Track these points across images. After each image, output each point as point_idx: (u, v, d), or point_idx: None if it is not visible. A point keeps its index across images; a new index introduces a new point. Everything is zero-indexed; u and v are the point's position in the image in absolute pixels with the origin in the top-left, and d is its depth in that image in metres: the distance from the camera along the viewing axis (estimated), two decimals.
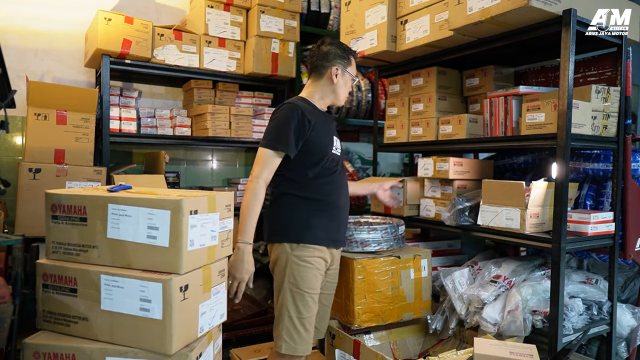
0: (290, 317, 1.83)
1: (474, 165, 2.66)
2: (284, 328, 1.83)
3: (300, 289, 1.84)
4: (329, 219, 1.93)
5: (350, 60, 2.04)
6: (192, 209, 1.41)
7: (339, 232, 2.03)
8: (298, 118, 1.84)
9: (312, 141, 1.88)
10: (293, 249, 1.86)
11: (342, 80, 2.00)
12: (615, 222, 2.24)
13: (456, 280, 2.39)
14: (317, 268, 1.90)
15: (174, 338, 1.36)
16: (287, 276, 1.86)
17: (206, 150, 3.68)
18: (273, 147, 1.82)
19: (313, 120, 1.88)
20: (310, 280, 1.86)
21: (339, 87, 1.99)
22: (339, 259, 2.13)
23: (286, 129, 1.83)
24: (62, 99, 2.48)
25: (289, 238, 1.87)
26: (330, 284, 2.11)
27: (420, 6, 2.51)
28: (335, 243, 2.01)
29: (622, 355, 2.37)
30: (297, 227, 1.87)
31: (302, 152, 1.87)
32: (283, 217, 1.90)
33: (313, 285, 1.88)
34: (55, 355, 1.40)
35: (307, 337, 1.85)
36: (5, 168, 2.91)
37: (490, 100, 2.44)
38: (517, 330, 2.08)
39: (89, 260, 1.47)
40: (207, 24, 3.14)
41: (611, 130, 2.24)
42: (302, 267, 1.85)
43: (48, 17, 3.06)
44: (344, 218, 2.07)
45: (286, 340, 1.82)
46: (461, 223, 2.49)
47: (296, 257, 1.85)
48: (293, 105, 1.88)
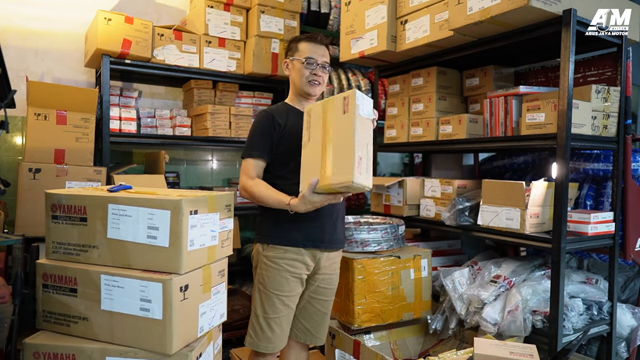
0: (257, 314, 1.86)
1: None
2: (250, 323, 1.89)
3: (267, 290, 1.84)
4: (309, 219, 1.84)
5: (296, 47, 1.96)
6: (192, 209, 1.41)
7: (323, 232, 1.89)
8: (267, 122, 1.90)
9: (283, 141, 1.88)
10: (264, 249, 1.88)
11: (293, 68, 1.95)
12: (615, 222, 2.24)
13: (456, 280, 2.39)
14: (286, 270, 1.83)
15: (174, 338, 1.36)
16: (257, 275, 1.90)
17: (206, 150, 3.68)
18: (249, 155, 1.87)
19: (283, 121, 1.90)
20: (278, 282, 1.83)
21: (293, 76, 1.96)
22: (336, 263, 1.99)
23: (257, 135, 1.89)
24: (62, 99, 2.48)
25: (260, 239, 1.91)
26: (324, 289, 1.96)
27: (420, 6, 2.51)
28: (318, 244, 1.88)
29: (622, 355, 2.37)
30: (267, 228, 1.88)
31: (277, 154, 1.89)
32: (259, 218, 1.96)
33: (280, 287, 1.83)
34: (55, 355, 1.40)
35: (271, 336, 1.83)
36: (5, 168, 2.91)
37: (490, 100, 2.44)
38: (517, 330, 2.08)
39: (89, 260, 1.47)
40: (207, 24, 3.13)
41: (611, 130, 2.24)
42: (270, 267, 1.84)
43: (48, 17, 3.06)
44: (330, 217, 1.90)
45: (250, 335, 1.88)
46: (461, 223, 2.49)
47: (265, 258, 1.86)
48: (263, 112, 1.94)
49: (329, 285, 1.98)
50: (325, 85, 1.99)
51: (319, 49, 1.94)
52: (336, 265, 2.01)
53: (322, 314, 1.99)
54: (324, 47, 1.96)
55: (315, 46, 1.94)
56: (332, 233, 1.93)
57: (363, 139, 1.55)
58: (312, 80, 1.92)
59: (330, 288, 2.00)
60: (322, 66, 1.93)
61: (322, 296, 1.97)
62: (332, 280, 1.99)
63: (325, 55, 1.96)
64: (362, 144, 1.53)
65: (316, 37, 1.96)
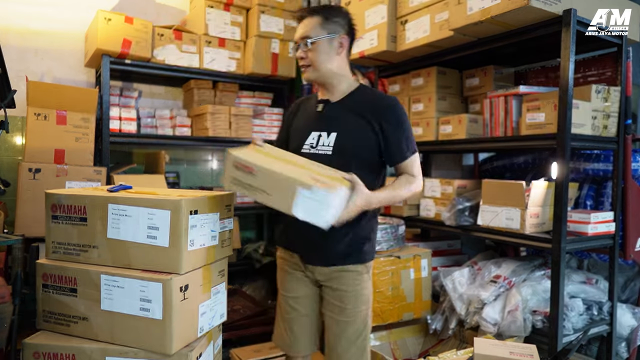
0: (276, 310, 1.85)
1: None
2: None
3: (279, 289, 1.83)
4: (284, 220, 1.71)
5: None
6: (192, 209, 1.41)
7: (287, 234, 1.74)
8: (289, 111, 1.83)
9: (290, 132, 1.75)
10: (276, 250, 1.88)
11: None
12: (615, 222, 2.24)
13: (456, 280, 2.39)
14: (281, 268, 1.79)
15: (174, 338, 1.36)
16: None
17: (206, 150, 3.68)
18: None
19: (299, 110, 1.76)
20: (280, 280, 1.80)
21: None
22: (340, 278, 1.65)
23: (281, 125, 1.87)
24: (62, 99, 2.48)
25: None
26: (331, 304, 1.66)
27: (420, 6, 2.51)
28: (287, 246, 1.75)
29: (622, 355, 2.37)
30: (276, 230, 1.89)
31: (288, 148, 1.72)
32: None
33: (281, 285, 1.79)
34: (55, 355, 1.40)
35: (284, 334, 1.75)
36: (5, 168, 2.91)
37: (490, 100, 2.44)
38: (517, 330, 2.08)
39: (89, 260, 1.47)
40: (207, 24, 3.14)
41: (611, 130, 2.24)
42: (278, 267, 1.84)
43: (48, 17, 3.06)
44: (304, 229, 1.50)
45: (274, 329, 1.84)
46: (461, 223, 2.49)
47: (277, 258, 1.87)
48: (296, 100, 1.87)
49: (336, 302, 1.66)
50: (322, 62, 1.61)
51: (299, 27, 1.65)
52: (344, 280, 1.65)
53: (334, 336, 1.66)
54: (304, 20, 1.64)
55: (298, 25, 1.67)
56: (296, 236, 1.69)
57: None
58: (301, 65, 1.67)
59: (338, 305, 1.65)
60: (303, 44, 1.62)
61: (329, 312, 1.68)
62: (339, 297, 1.65)
63: (307, 28, 1.62)
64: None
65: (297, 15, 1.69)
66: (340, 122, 1.63)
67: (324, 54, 1.61)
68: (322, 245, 1.63)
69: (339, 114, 1.65)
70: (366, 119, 1.60)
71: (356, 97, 1.66)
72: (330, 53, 1.62)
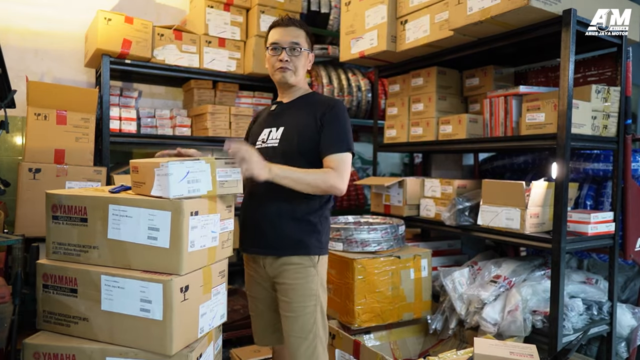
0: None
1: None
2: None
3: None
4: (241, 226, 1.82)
5: (266, 37, 1.82)
6: (192, 210, 1.41)
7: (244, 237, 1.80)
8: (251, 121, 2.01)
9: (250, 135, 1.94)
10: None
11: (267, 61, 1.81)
12: (615, 222, 2.24)
13: (456, 280, 2.40)
14: (246, 271, 1.89)
15: (174, 339, 1.36)
16: None
17: (206, 151, 3.68)
18: None
19: (259, 117, 1.95)
20: (245, 281, 1.91)
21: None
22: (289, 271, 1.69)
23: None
24: (62, 99, 2.48)
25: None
26: (281, 301, 1.72)
27: (420, 6, 2.51)
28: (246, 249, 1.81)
29: (622, 355, 2.37)
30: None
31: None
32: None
33: (246, 285, 1.91)
34: (55, 355, 1.40)
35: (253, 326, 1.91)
36: (5, 168, 2.91)
37: (490, 100, 2.44)
38: (517, 330, 2.08)
39: (90, 261, 1.47)
40: (207, 24, 3.13)
41: (611, 130, 2.24)
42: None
43: (48, 17, 3.06)
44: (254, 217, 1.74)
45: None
46: (461, 223, 2.49)
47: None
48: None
49: (284, 297, 1.70)
50: (301, 69, 1.77)
51: (285, 31, 1.73)
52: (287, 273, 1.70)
53: (285, 332, 1.71)
54: (292, 28, 1.74)
55: (281, 29, 1.74)
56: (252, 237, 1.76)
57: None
58: (279, 67, 1.73)
59: (286, 301, 1.69)
60: (290, 48, 1.72)
61: (280, 310, 1.73)
62: (287, 293, 1.69)
63: (296, 36, 1.73)
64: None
65: (281, 20, 1.77)
66: (288, 118, 1.79)
67: (303, 63, 1.79)
68: (271, 235, 1.71)
69: (288, 112, 1.81)
70: (311, 115, 1.73)
71: (306, 99, 1.82)
72: (305, 64, 1.80)
